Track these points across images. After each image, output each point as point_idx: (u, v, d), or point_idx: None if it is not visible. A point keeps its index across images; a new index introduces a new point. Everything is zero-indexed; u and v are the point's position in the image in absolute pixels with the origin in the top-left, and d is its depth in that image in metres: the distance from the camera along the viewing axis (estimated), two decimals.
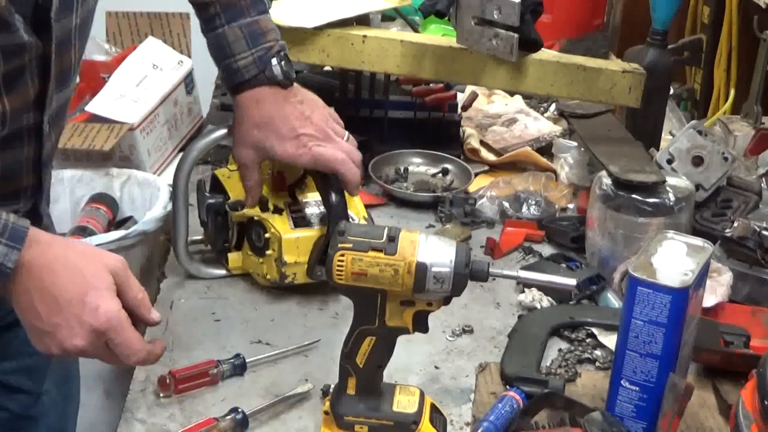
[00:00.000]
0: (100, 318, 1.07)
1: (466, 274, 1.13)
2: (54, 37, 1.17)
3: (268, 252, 1.50)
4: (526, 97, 2.29)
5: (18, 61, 1.14)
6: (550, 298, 1.54)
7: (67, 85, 1.25)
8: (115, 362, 1.12)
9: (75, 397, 1.58)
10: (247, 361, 1.35)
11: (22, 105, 1.18)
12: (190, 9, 1.50)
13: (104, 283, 1.09)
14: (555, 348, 1.44)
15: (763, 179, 1.79)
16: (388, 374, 1.21)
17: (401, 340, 1.19)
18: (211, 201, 1.56)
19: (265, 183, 1.53)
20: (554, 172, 1.97)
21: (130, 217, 2.08)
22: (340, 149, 1.43)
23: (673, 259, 1.17)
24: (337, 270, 1.13)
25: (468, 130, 2.10)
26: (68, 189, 2.10)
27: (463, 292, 1.14)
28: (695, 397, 1.23)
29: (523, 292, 1.56)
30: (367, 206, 1.63)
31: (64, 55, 1.21)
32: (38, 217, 1.32)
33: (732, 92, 2.29)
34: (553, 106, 2.25)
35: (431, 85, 2.09)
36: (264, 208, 1.51)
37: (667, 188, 1.59)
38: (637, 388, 1.19)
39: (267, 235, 1.50)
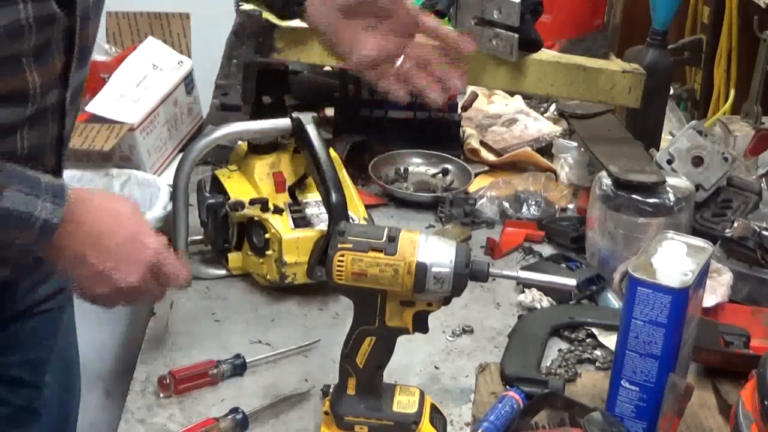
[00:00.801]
0: (151, 252, 1.18)
1: (466, 274, 1.13)
2: (78, 11, 1.19)
3: (269, 252, 1.50)
4: (526, 97, 2.28)
5: (47, 33, 1.16)
6: (550, 298, 1.54)
7: (85, 63, 1.28)
8: (159, 294, 1.24)
9: (76, 390, 1.58)
10: (247, 361, 1.35)
11: (49, 80, 1.20)
12: (190, 9, 1.49)
13: (144, 221, 1.21)
14: (555, 348, 1.44)
15: (763, 179, 1.79)
16: (388, 374, 1.21)
17: (401, 340, 1.19)
18: (211, 201, 1.56)
19: (266, 184, 1.53)
20: (554, 172, 1.96)
21: None
22: None
23: (673, 259, 1.17)
24: (337, 270, 1.13)
25: (468, 130, 2.10)
26: None
27: (463, 292, 1.14)
28: (695, 397, 1.23)
29: (523, 292, 1.56)
30: (367, 206, 1.63)
31: (84, 30, 1.23)
32: None
33: (732, 92, 2.29)
34: (553, 107, 2.25)
35: None
36: (264, 209, 1.51)
37: (667, 188, 1.59)
38: (637, 388, 1.19)
39: (267, 236, 1.50)
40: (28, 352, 1.42)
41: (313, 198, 1.54)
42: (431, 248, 1.13)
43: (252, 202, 1.52)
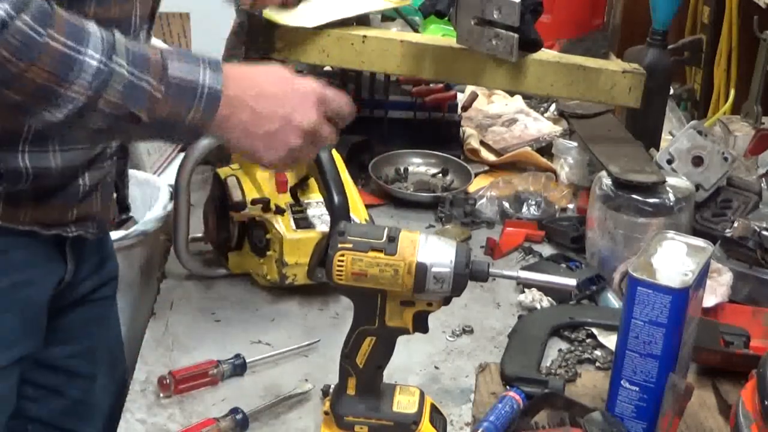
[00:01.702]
0: (315, 87, 1.18)
1: (466, 274, 1.13)
2: None
3: (269, 253, 1.50)
4: (526, 97, 2.28)
5: None
6: (550, 298, 1.54)
7: None
8: (332, 136, 1.23)
9: (124, 382, 1.58)
10: (247, 361, 1.35)
11: (144, 13, 1.22)
12: (190, 9, 1.50)
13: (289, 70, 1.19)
14: (555, 348, 1.44)
15: (763, 179, 1.80)
16: (388, 374, 1.21)
17: (401, 340, 1.19)
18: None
19: (267, 184, 1.53)
20: (554, 172, 1.97)
21: (130, 217, 2.08)
22: None
23: (673, 259, 1.17)
24: (337, 270, 1.13)
25: (468, 130, 2.10)
26: None
27: (463, 292, 1.14)
28: (695, 397, 1.23)
29: (523, 292, 1.56)
30: (367, 206, 1.63)
31: None
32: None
33: (732, 92, 2.29)
34: (553, 106, 2.25)
35: (431, 85, 2.09)
36: (266, 209, 1.51)
37: (667, 188, 1.59)
38: (637, 389, 1.19)
39: (268, 236, 1.50)
40: (83, 342, 1.43)
41: (314, 199, 1.54)
42: (431, 248, 1.13)
43: (253, 202, 1.52)
